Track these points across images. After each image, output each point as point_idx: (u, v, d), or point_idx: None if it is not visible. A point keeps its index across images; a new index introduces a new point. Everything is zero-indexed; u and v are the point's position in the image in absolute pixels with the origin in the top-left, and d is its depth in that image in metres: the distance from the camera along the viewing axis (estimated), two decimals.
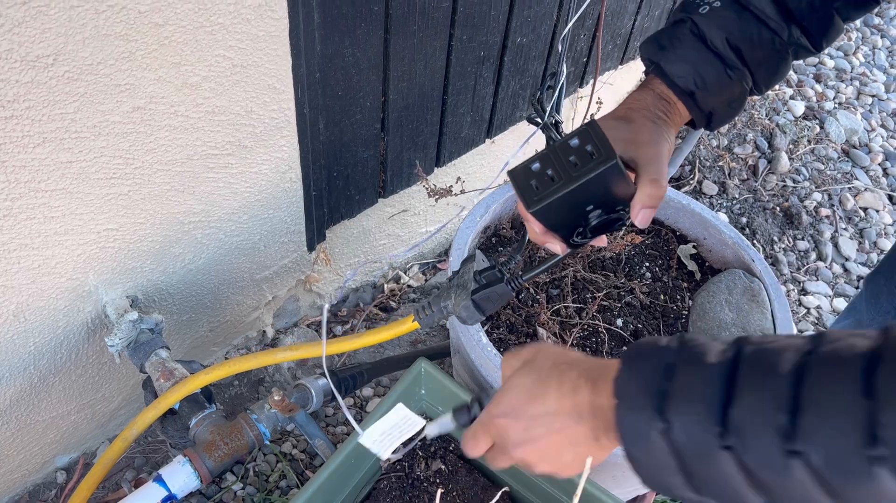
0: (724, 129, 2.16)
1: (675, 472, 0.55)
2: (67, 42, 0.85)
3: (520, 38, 1.49)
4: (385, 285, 1.77)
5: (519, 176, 0.75)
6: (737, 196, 2.05)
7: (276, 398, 1.07)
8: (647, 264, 1.35)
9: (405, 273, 1.81)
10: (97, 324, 1.18)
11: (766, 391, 0.50)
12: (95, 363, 1.23)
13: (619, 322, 1.26)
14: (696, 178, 2.05)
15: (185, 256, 1.22)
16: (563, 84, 1.36)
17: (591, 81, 1.75)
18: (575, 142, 0.72)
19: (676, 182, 2.05)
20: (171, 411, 1.12)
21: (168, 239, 1.17)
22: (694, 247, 1.38)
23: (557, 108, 1.38)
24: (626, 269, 1.33)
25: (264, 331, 1.55)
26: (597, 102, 1.41)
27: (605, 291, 1.28)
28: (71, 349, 1.17)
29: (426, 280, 1.81)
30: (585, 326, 1.24)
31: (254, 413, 1.09)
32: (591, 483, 1.04)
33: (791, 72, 2.45)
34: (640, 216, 0.75)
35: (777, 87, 2.35)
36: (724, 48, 0.76)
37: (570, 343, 1.20)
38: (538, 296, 1.26)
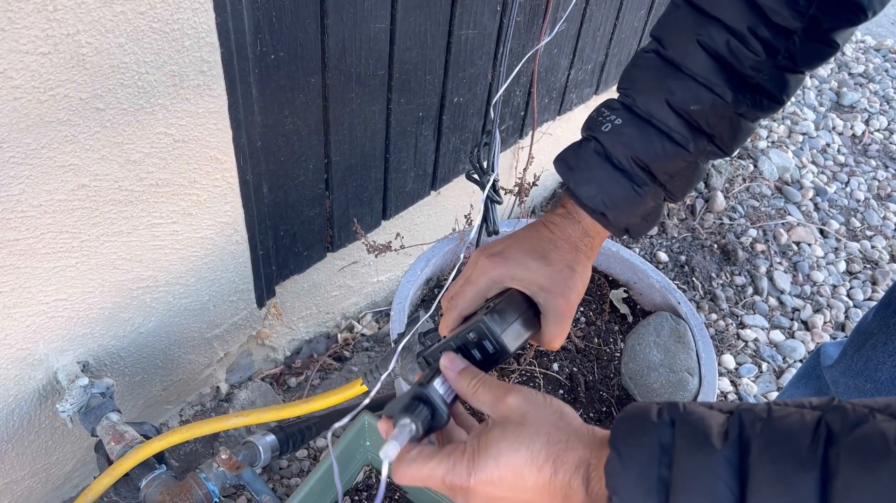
0: None
1: None
2: (11, 130, 0.90)
3: (457, 97, 1.57)
4: (339, 335, 1.82)
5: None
6: (676, 235, 2.14)
7: (223, 457, 1.11)
8: (582, 309, 1.42)
9: (358, 322, 1.86)
10: (49, 391, 1.21)
11: (787, 493, 0.43)
12: (48, 428, 1.26)
13: (556, 366, 1.32)
14: None
15: (135, 320, 1.26)
16: (497, 144, 1.44)
17: (530, 133, 1.84)
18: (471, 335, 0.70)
19: None
20: None
21: (117, 305, 1.21)
22: (625, 291, 1.46)
23: (493, 167, 1.45)
24: None
25: (218, 387, 1.58)
26: (529, 158, 1.50)
27: None
28: (23, 416, 1.20)
29: (379, 328, 1.86)
30: (523, 371, 1.30)
31: (202, 472, 1.13)
32: None
33: None
34: (546, 346, 0.76)
35: None
36: (630, 166, 0.73)
37: None
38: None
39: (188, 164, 1.14)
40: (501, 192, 1.53)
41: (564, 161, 0.78)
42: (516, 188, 1.46)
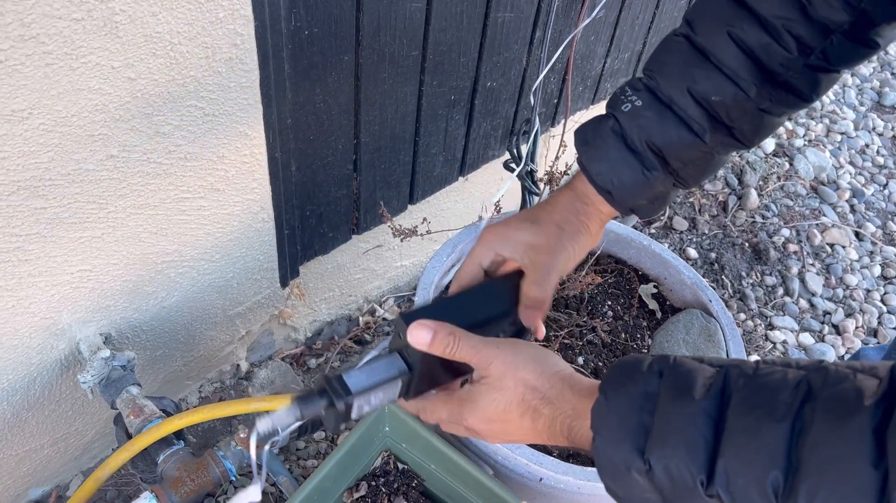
0: None
1: None
2: (42, 97, 0.89)
3: (490, 82, 1.54)
4: (360, 318, 1.80)
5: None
6: (707, 232, 2.10)
7: (241, 435, 1.10)
8: (610, 303, 1.39)
9: (380, 306, 1.85)
10: (71, 361, 1.21)
11: (758, 441, 0.45)
12: (69, 398, 1.26)
13: (581, 360, 1.30)
14: (666, 214, 2.10)
15: (159, 294, 1.25)
16: (537, 133, 1.41)
17: (563, 121, 1.81)
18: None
19: (648, 219, 2.10)
20: None
21: (141, 278, 1.20)
22: (655, 286, 1.42)
23: (532, 157, 1.42)
24: (589, 308, 1.38)
25: (238, 365, 1.58)
26: (561, 146, 1.47)
27: (567, 329, 1.32)
28: (45, 385, 1.20)
29: (401, 313, 1.84)
30: None
31: (220, 449, 1.12)
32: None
33: None
34: (523, 316, 0.73)
35: None
36: (643, 149, 0.72)
37: None
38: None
39: (217, 138, 1.12)
40: (538, 182, 1.51)
41: (583, 134, 0.78)
42: (547, 177, 1.42)
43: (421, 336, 0.65)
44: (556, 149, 1.86)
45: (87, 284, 1.13)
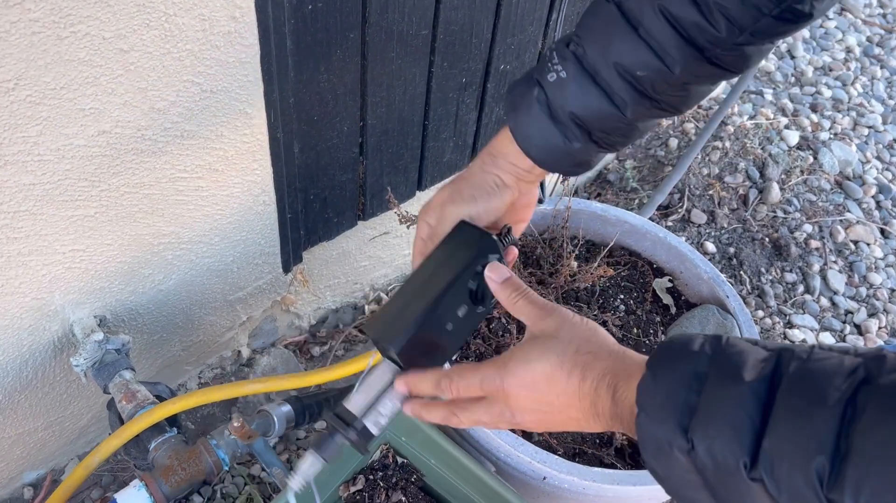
0: (714, 158, 2.15)
1: (700, 488, 0.51)
2: (29, 67, 0.85)
3: (503, 65, 1.49)
4: (366, 306, 1.76)
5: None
6: (726, 226, 2.04)
7: (235, 424, 1.07)
8: (622, 296, 1.34)
9: (387, 294, 1.81)
10: (64, 343, 1.18)
11: (806, 425, 0.44)
12: (63, 381, 1.23)
13: None
14: (684, 207, 2.04)
15: (155, 277, 1.22)
16: None
17: None
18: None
19: (665, 210, 2.04)
20: None
21: (137, 260, 1.17)
22: (670, 280, 1.37)
23: None
24: (601, 301, 1.32)
25: (239, 352, 1.54)
26: None
27: None
28: (37, 367, 1.17)
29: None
30: None
31: (213, 438, 1.09)
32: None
33: (787, 100, 2.45)
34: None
35: (772, 116, 2.34)
36: (566, 121, 0.72)
37: None
38: (509, 327, 1.25)
39: (216, 116, 1.08)
40: None
41: (512, 97, 0.77)
42: None
43: (497, 274, 0.70)
44: None
45: (79, 265, 1.09)
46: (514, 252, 0.78)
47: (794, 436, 0.44)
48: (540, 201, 1.30)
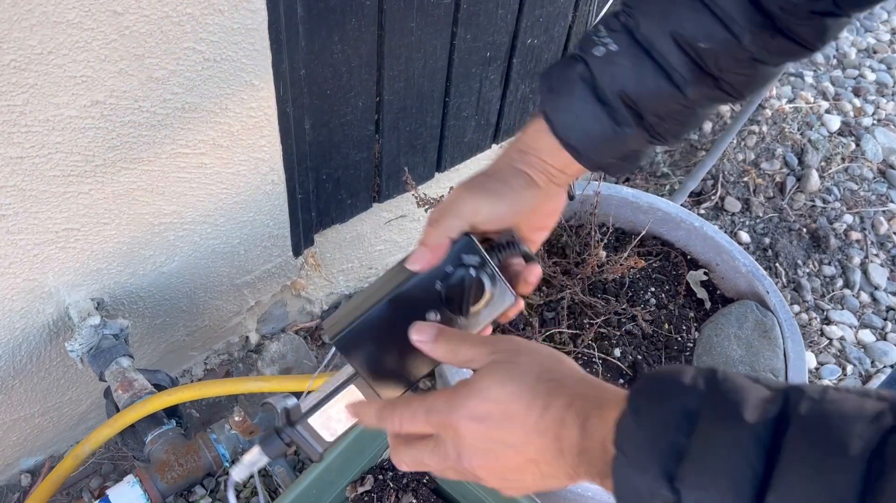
0: (750, 143, 2.04)
1: None
2: (12, 28, 0.78)
3: (531, 38, 1.39)
4: None
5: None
6: (761, 215, 1.93)
7: (236, 419, 1.00)
8: (653, 289, 1.25)
9: None
10: (60, 327, 1.11)
11: (821, 479, 0.37)
12: (60, 366, 1.17)
13: (617, 352, 1.16)
14: (718, 194, 1.93)
15: (157, 259, 1.15)
16: None
17: None
18: None
19: (697, 197, 1.94)
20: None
21: (137, 240, 1.10)
22: (705, 273, 1.28)
23: None
24: (630, 294, 1.24)
25: (247, 337, 1.48)
26: None
27: (604, 317, 1.18)
28: (31, 351, 1.11)
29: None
30: (579, 355, 1.15)
31: (214, 433, 1.02)
32: None
33: (828, 83, 2.32)
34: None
35: (812, 99, 2.22)
36: (615, 101, 0.62)
37: None
38: (531, 319, 1.17)
39: (219, 87, 1.00)
40: None
41: (548, 80, 0.66)
42: None
43: (423, 334, 0.58)
44: None
45: (74, 244, 1.03)
46: (536, 272, 0.65)
47: (807, 492, 0.37)
48: (571, 197, 1.21)
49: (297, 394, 1.12)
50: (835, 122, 2.17)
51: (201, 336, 1.37)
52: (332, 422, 0.62)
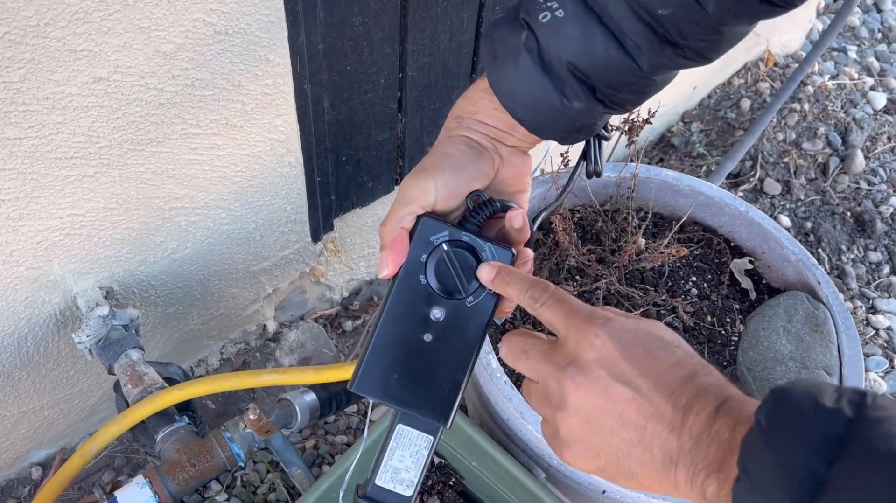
0: (791, 121, 1.93)
1: None
2: None
3: None
4: None
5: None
6: (802, 197, 1.83)
7: (251, 417, 0.94)
8: (694, 279, 1.17)
9: None
10: (67, 317, 1.06)
11: None
12: (69, 357, 1.12)
13: None
14: (757, 176, 1.84)
15: (168, 245, 1.09)
16: None
17: None
18: None
19: (735, 179, 1.84)
20: None
21: (146, 226, 1.04)
22: (750, 261, 1.19)
23: None
24: (669, 284, 1.16)
25: (265, 326, 1.42)
26: None
27: (642, 309, 1.11)
28: (38, 342, 1.05)
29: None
30: None
31: (227, 431, 0.96)
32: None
33: (873, 59, 2.20)
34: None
35: (856, 76, 2.10)
36: (564, 73, 0.56)
37: None
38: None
39: (232, 62, 0.93)
40: (609, 127, 1.28)
41: (492, 43, 0.59)
42: (626, 124, 1.19)
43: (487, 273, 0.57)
44: None
45: (80, 231, 0.97)
46: (518, 214, 0.59)
47: None
48: (597, 174, 1.13)
49: (314, 387, 1.06)
50: (880, 100, 2.05)
51: (217, 325, 1.32)
52: (400, 473, 0.57)
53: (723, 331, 1.13)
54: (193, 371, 1.36)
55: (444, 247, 0.56)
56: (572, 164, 1.11)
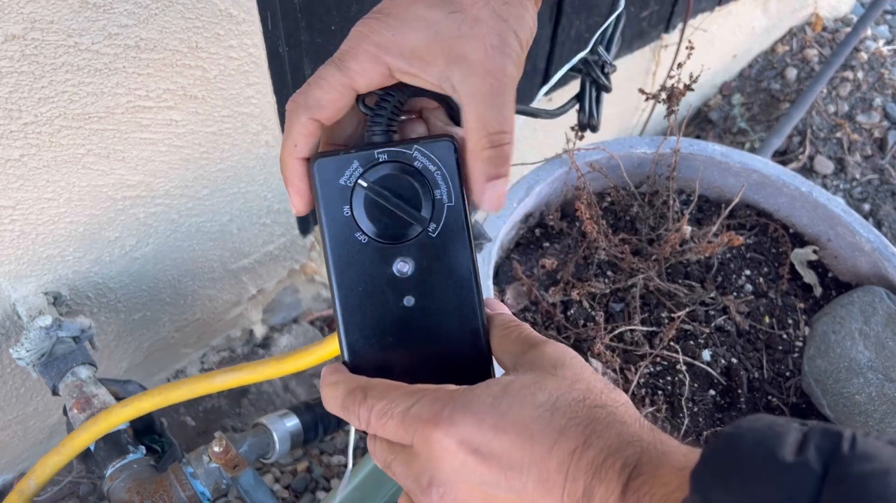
0: (843, 92, 1.73)
1: None
2: None
3: None
4: None
5: None
6: (858, 176, 1.63)
7: (216, 449, 0.78)
8: (748, 272, 0.99)
9: None
10: (9, 328, 0.90)
11: None
12: (17, 373, 0.97)
13: (707, 354, 0.91)
14: (806, 153, 1.64)
15: (125, 241, 0.93)
16: (621, 14, 0.99)
17: (680, 25, 1.37)
18: None
19: (781, 157, 1.65)
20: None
21: (96, 219, 0.87)
22: (814, 251, 1.01)
23: (609, 42, 1.00)
24: (719, 279, 0.98)
25: (251, 331, 1.26)
26: (687, 48, 1.04)
27: (687, 309, 0.93)
28: None
29: None
30: (658, 358, 0.90)
31: (190, 465, 0.80)
32: None
33: None
34: (480, 189, 0.42)
35: None
36: None
37: (635, 382, 0.86)
38: (594, 313, 0.92)
39: (185, 18, 0.76)
40: (641, 97, 1.09)
41: None
42: (663, 91, 1.01)
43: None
44: (671, 60, 1.43)
45: (10, 227, 0.81)
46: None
47: None
48: (591, 127, 0.96)
49: (297, 409, 0.89)
50: None
51: (194, 331, 1.16)
52: None
53: (784, 335, 0.94)
54: None
55: (363, 183, 0.42)
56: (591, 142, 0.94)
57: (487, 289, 0.85)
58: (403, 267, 0.43)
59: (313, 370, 1.27)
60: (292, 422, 0.86)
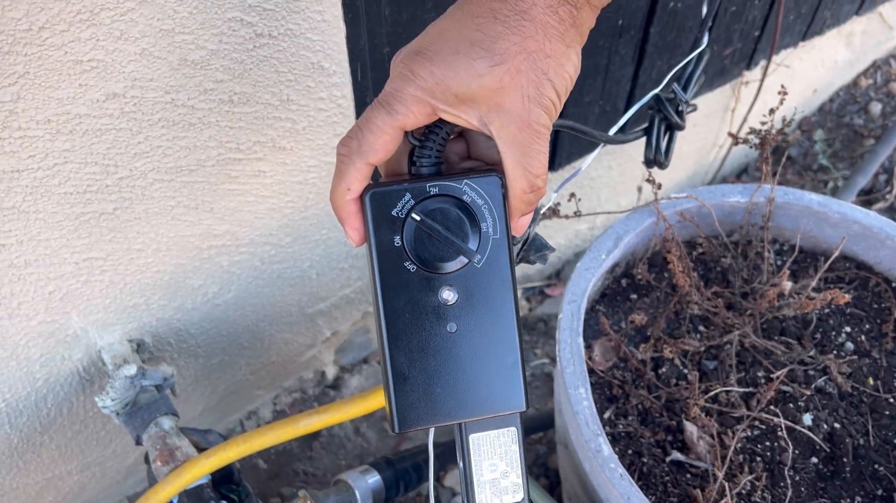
0: None
1: None
2: None
3: (672, 2, 1.09)
4: None
5: None
6: None
7: None
8: (848, 329, 0.94)
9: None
10: (93, 373, 0.91)
11: None
12: (98, 417, 0.97)
13: (808, 418, 0.86)
14: (894, 192, 1.57)
15: (209, 289, 0.93)
16: (702, 52, 0.95)
17: (764, 62, 1.33)
18: None
19: (866, 196, 1.58)
20: None
21: (182, 268, 0.87)
22: None
23: (688, 81, 0.96)
24: (817, 336, 0.93)
25: (323, 372, 1.25)
26: (780, 93, 1.00)
27: (786, 369, 0.88)
28: (60, 403, 0.91)
29: (530, 309, 1.45)
30: (756, 421, 0.85)
31: None
32: None
33: None
34: (516, 227, 0.48)
35: None
36: None
37: (732, 447, 0.82)
38: (687, 372, 0.88)
39: (278, 72, 0.76)
40: (718, 134, 1.05)
41: None
42: (753, 135, 0.97)
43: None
44: (753, 98, 1.39)
45: (100, 277, 0.81)
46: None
47: None
48: (659, 164, 0.93)
49: (379, 466, 0.87)
50: None
51: (268, 374, 1.15)
52: (500, 483, 0.49)
53: (891, 399, 0.89)
54: (243, 425, 1.20)
55: (415, 215, 0.45)
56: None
57: (578, 346, 0.82)
58: (449, 295, 0.46)
59: (381, 413, 1.25)
60: (374, 478, 0.84)
